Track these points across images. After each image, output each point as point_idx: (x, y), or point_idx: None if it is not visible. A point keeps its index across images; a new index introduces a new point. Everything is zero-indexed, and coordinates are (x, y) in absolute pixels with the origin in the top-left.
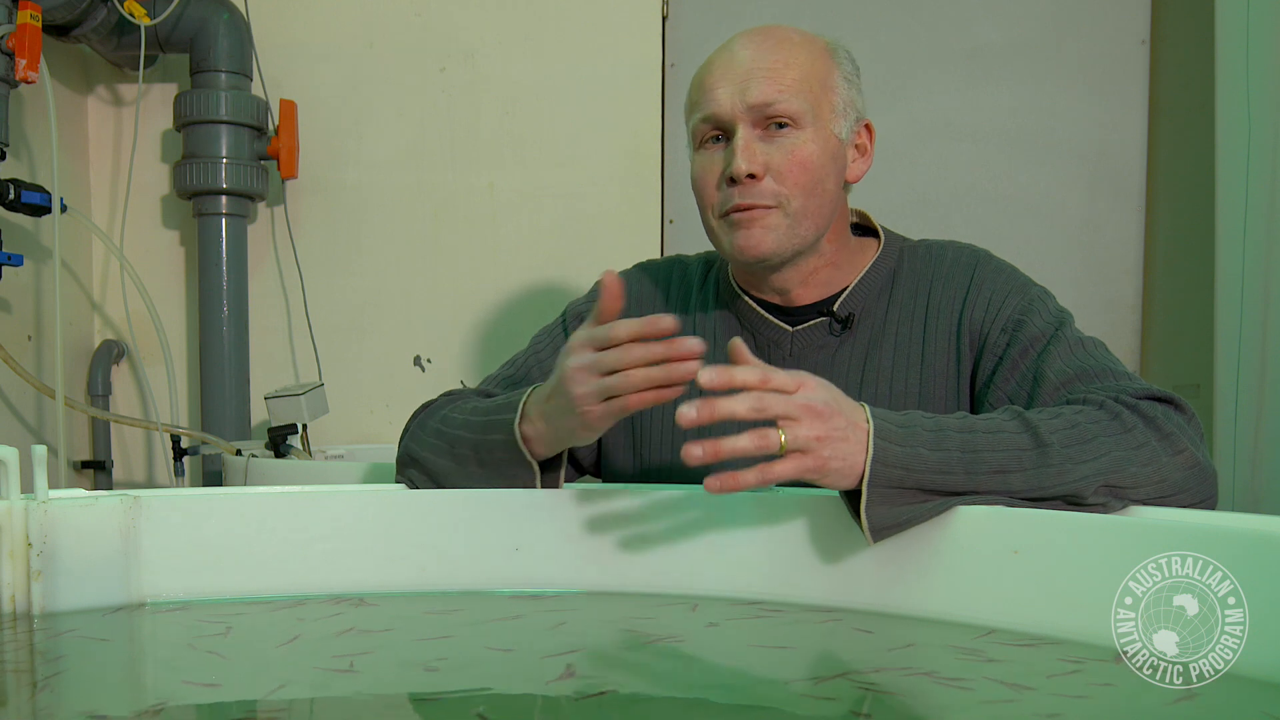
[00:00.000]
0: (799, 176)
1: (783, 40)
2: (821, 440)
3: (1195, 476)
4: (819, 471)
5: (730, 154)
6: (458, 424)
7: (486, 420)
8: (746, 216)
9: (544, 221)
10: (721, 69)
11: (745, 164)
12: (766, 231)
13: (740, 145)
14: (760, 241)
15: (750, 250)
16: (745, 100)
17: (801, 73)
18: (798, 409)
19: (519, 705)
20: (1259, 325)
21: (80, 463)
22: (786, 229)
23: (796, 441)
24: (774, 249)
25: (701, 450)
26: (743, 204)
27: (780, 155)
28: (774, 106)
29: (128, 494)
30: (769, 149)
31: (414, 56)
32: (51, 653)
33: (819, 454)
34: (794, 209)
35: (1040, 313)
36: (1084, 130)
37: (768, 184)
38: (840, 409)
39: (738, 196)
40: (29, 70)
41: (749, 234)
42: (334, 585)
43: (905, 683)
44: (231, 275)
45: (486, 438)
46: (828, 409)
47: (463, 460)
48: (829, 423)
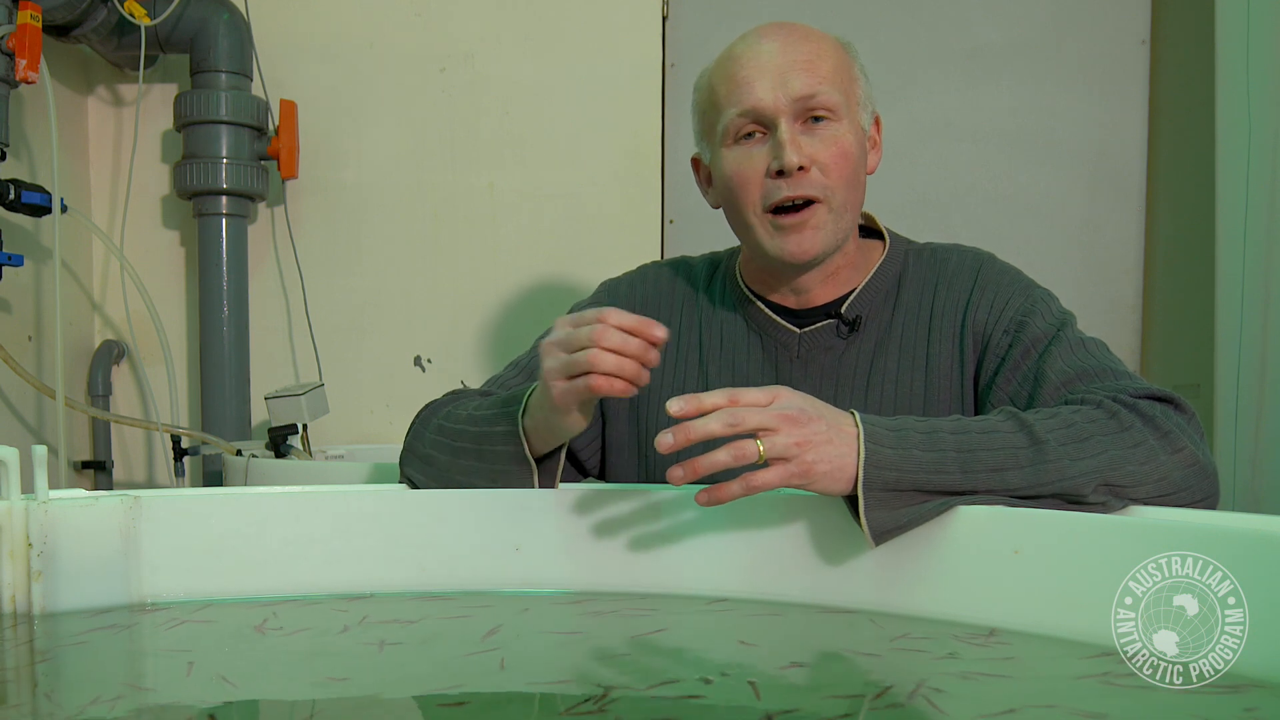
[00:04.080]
0: (842, 168)
1: (807, 34)
2: (802, 445)
3: (1195, 475)
4: (805, 477)
5: (777, 147)
6: (461, 419)
7: (491, 414)
8: (795, 221)
9: (544, 221)
10: (753, 63)
11: (795, 156)
12: (816, 232)
13: (787, 138)
14: (812, 244)
15: (804, 255)
16: (788, 93)
17: (833, 65)
18: (774, 419)
19: (519, 705)
20: (1259, 325)
21: (80, 463)
22: (832, 224)
23: (775, 449)
24: (824, 248)
25: (682, 471)
26: (792, 195)
27: (823, 148)
28: (816, 98)
29: (128, 494)
30: (812, 141)
31: (414, 56)
32: (52, 653)
33: (802, 459)
34: (837, 202)
35: (1043, 314)
36: (1084, 130)
37: (814, 175)
38: (820, 414)
39: (786, 189)
40: (29, 70)
41: (800, 238)
42: (334, 585)
43: (905, 683)
44: (231, 275)
45: (490, 430)
46: (804, 415)
47: (462, 454)
48: (806, 428)
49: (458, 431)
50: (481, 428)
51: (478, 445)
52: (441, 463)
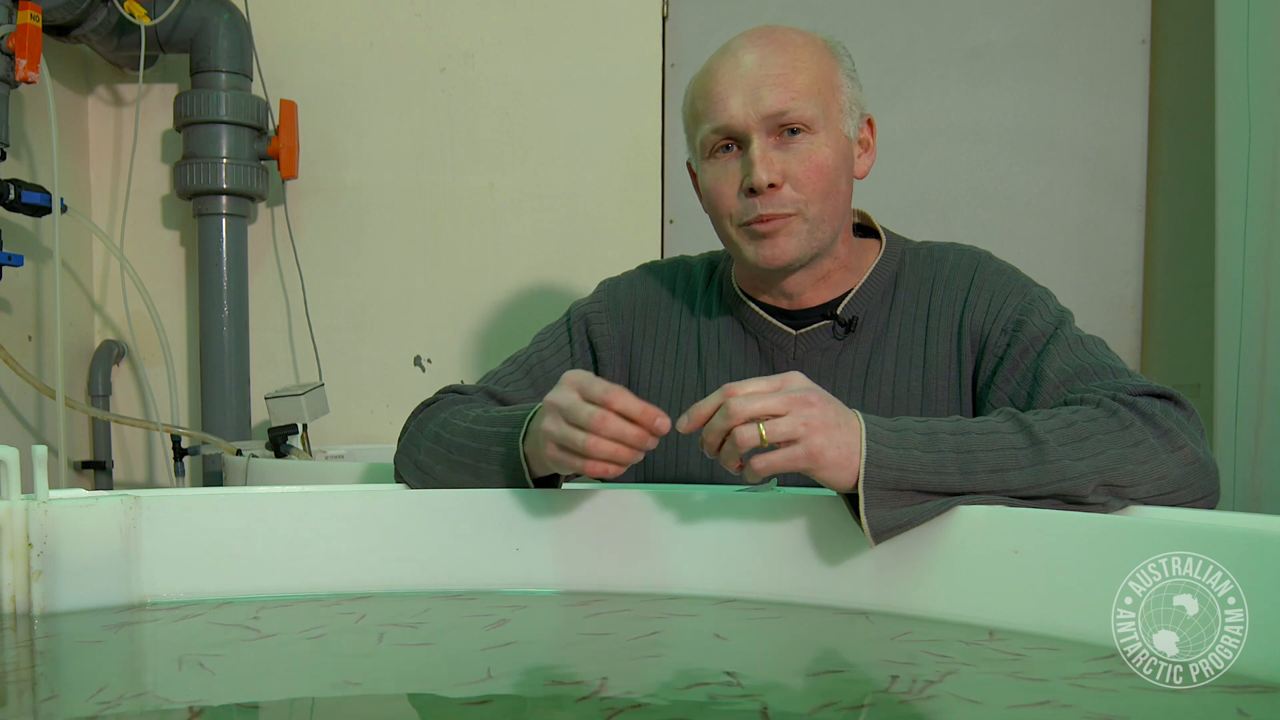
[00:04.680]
0: (817, 182)
1: (787, 43)
2: (810, 427)
3: (1196, 473)
4: (813, 459)
5: (748, 165)
6: (459, 431)
7: (490, 431)
8: (768, 228)
9: (544, 221)
10: (728, 77)
11: (765, 175)
12: (789, 238)
13: (758, 156)
14: (784, 251)
15: (775, 260)
16: (759, 110)
17: (810, 76)
18: (780, 402)
19: (519, 705)
20: (1259, 325)
21: (80, 463)
22: (807, 234)
23: (778, 433)
24: (796, 255)
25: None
26: (765, 214)
27: (797, 162)
28: (788, 114)
29: (128, 494)
30: (785, 157)
31: (414, 56)
32: (52, 653)
33: (810, 441)
34: (813, 214)
35: (1040, 312)
36: (1084, 130)
37: (787, 192)
38: (830, 400)
39: (760, 207)
40: (29, 70)
41: (773, 243)
42: (334, 585)
43: (905, 683)
44: (231, 275)
45: (489, 448)
46: (812, 396)
47: (459, 468)
48: (814, 409)
49: (455, 444)
50: (480, 444)
51: (475, 461)
52: (437, 472)
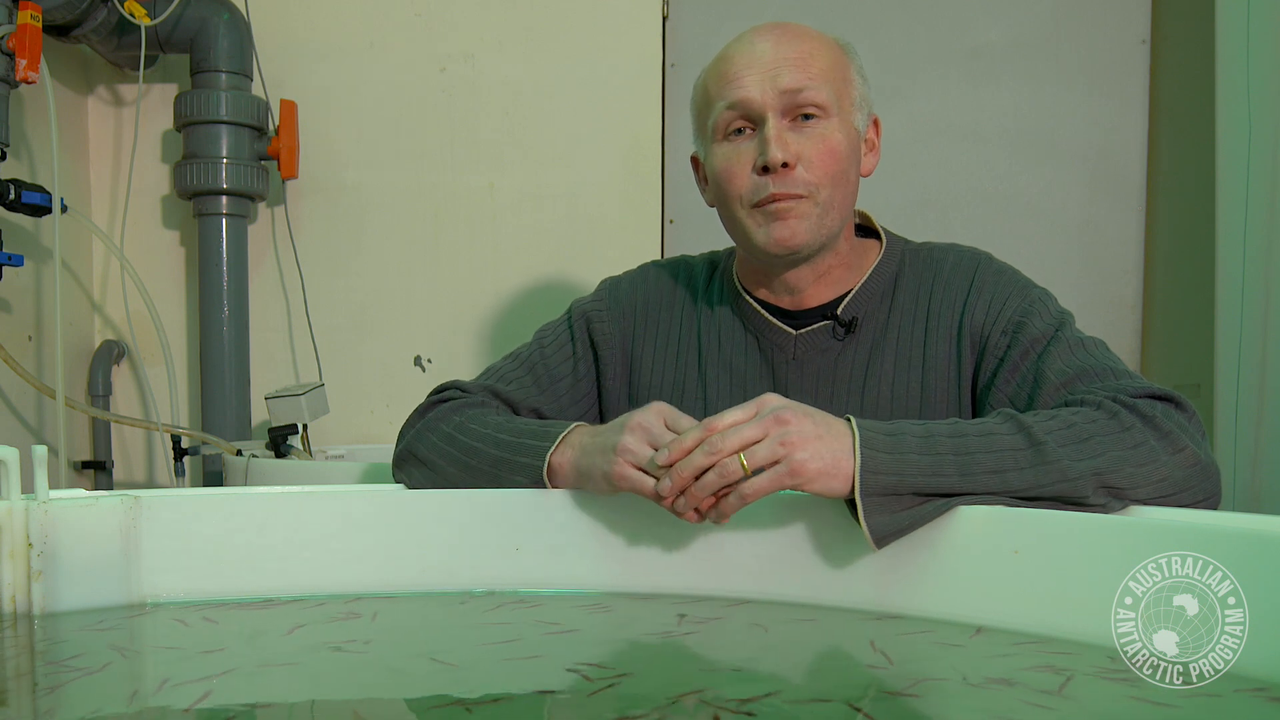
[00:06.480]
0: (829, 165)
1: (802, 33)
2: (789, 445)
3: (1197, 474)
4: (797, 476)
5: (763, 143)
6: (477, 435)
7: (515, 441)
8: (781, 208)
9: (544, 221)
10: (745, 59)
11: (780, 153)
12: (801, 221)
13: (773, 134)
14: (795, 233)
15: (786, 242)
16: (776, 86)
17: (825, 64)
18: (755, 430)
19: (519, 706)
20: (1259, 325)
21: (80, 463)
22: (817, 219)
23: (758, 458)
24: (807, 239)
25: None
26: (778, 193)
27: (810, 144)
28: (805, 94)
29: (128, 494)
30: (799, 138)
31: (414, 57)
32: (52, 653)
33: (791, 459)
34: (823, 199)
35: (1040, 314)
36: (1084, 130)
37: (799, 173)
38: (808, 414)
39: (773, 186)
40: (29, 70)
41: (784, 225)
42: (334, 585)
43: (904, 682)
44: (232, 275)
45: (513, 458)
46: (787, 414)
47: (475, 472)
48: (790, 426)
49: (471, 448)
50: (502, 452)
51: (494, 469)
52: (447, 471)
